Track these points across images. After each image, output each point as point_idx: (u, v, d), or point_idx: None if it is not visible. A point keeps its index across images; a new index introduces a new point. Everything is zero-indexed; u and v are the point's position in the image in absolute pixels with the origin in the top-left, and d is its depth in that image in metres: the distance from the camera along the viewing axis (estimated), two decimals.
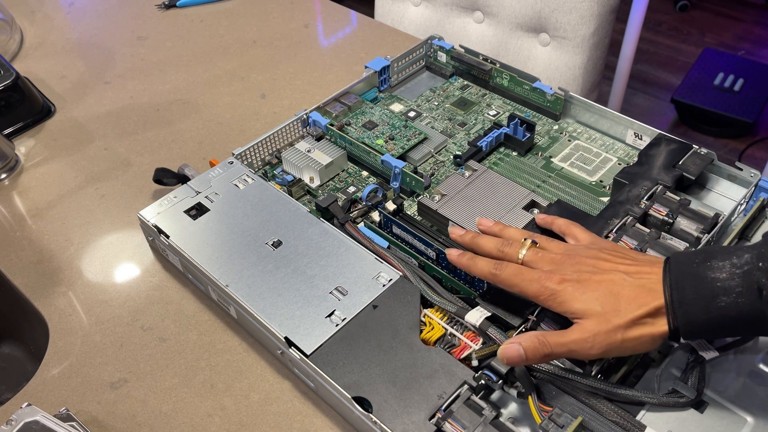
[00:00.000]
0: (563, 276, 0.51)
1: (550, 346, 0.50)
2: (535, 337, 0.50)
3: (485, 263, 0.55)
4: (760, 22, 2.47)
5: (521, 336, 0.51)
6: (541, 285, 0.51)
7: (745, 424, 0.51)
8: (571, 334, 0.50)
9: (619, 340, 0.49)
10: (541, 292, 0.51)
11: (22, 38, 1.06)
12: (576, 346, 0.49)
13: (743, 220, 0.64)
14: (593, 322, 0.49)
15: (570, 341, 0.49)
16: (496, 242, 0.57)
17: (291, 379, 0.60)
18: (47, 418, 0.53)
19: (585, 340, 0.49)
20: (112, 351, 0.63)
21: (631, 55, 1.40)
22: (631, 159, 0.76)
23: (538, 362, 0.51)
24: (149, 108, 0.92)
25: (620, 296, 0.49)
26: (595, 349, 0.49)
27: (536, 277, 0.52)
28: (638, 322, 0.49)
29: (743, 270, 0.46)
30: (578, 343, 0.49)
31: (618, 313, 0.49)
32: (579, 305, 0.50)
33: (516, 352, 0.50)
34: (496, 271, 0.54)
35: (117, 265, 0.71)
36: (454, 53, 0.88)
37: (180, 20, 1.10)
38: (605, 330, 0.49)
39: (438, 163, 0.77)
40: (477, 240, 0.58)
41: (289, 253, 0.63)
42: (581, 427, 0.49)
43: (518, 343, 0.50)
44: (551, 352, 0.50)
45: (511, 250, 0.55)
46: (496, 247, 0.56)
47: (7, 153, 0.82)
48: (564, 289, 0.51)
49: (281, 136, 0.78)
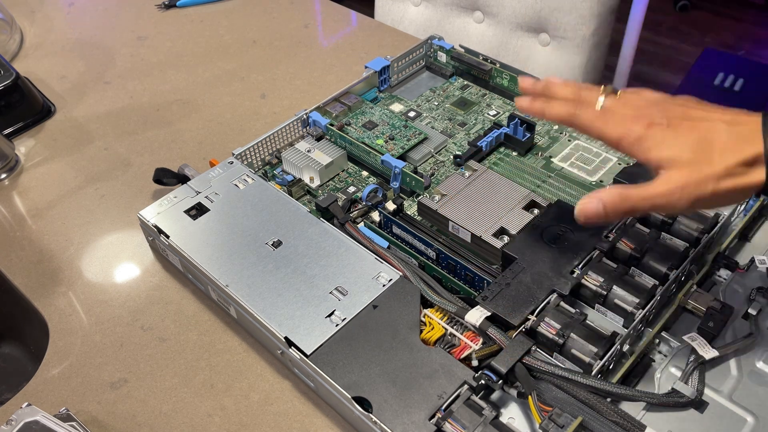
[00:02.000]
0: (651, 120, 0.47)
1: (632, 201, 0.46)
2: (616, 190, 0.46)
3: (563, 105, 0.50)
4: (760, 22, 2.47)
5: (601, 191, 0.47)
6: (626, 127, 0.47)
7: (745, 424, 0.51)
8: (657, 186, 0.46)
9: (710, 190, 0.45)
10: (625, 135, 0.47)
11: (22, 38, 1.06)
12: (662, 200, 0.46)
13: (743, 220, 0.64)
14: (682, 172, 0.45)
15: (656, 194, 0.46)
16: (573, 87, 0.51)
17: (291, 379, 0.60)
18: (47, 418, 0.53)
19: (672, 192, 0.45)
20: (112, 351, 0.63)
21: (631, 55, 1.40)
22: (631, 159, 0.76)
23: (618, 218, 0.47)
24: (149, 108, 0.92)
25: (714, 143, 0.45)
26: (683, 201, 0.45)
27: (620, 120, 0.47)
28: (733, 171, 0.44)
29: None
30: (665, 195, 0.45)
31: (711, 161, 0.45)
32: (668, 152, 0.45)
33: (595, 208, 0.47)
34: (575, 110, 0.49)
35: (117, 265, 0.71)
36: (454, 53, 0.88)
37: (180, 20, 1.10)
38: (695, 180, 0.45)
39: (438, 163, 0.77)
40: (551, 86, 0.52)
41: (289, 253, 0.63)
42: (581, 427, 0.49)
43: (598, 198, 0.47)
44: (633, 206, 0.46)
45: (589, 94, 0.50)
46: (573, 92, 0.51)
47: (7, 153, 0.82)
48: (652, 134, 0.46)
49: (281, 136, 0.78)
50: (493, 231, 0.64)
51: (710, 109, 0.48)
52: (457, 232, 0.66)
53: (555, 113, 0.50)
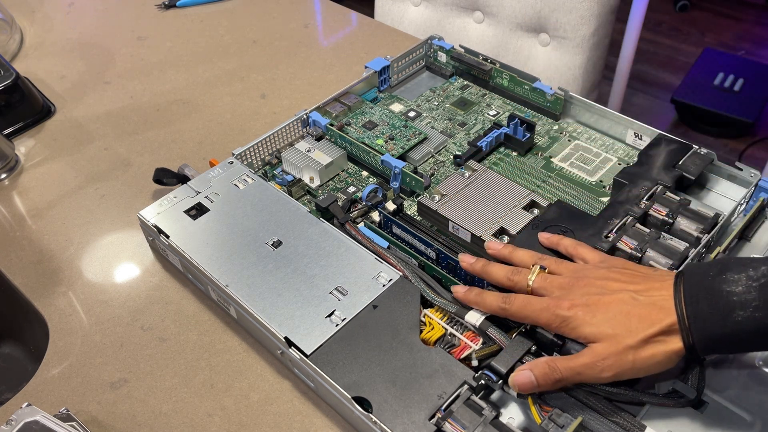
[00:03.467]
0: (572, 301, 0.51)
1: (560, 372, 0.49)
2: (545, 363, 0.50)
3: (494, 299, 0.55)
4: (760, 22, 2.47)
5: (532, 362, 0.51)
6: (551, 313, 0.51)
7: (745, 424, 0.51)
8: (582, 357, 0.49)
9: (631, 360, 0.48)
10: (552, 321, 0.51)
11: (22, 38, 1.06)
12: (586, 370, 0.49)
13: (743, 220, 0.64)
14: (604, 345, 0.48)
15: (579, 365, 0.49)
16: (505, 271, 0.56)
17: (291, 379, 0.60)
18: (47, 418, 0.53)
19: (595, 363, 0.48)
20: (112, 351, 0.63)
21: (631, 55, 1.40)
22: (631, 159, 0.76)
23: (549, 388, 0.50)
24: (149, 108, 0.92)
25: (631, 316, 0.49)
26: (606, 372, 0.48)
27: (545, 306, 0.51)
28: (650, 341, 0.48)
29: (760, 283, 0.45)
30: (588, 366, 0.49)
31: (629, 333, 0.48)
32: (590, 329, 0.49)
33: (527, 379, 0.50)
34: (505, 305, 0.54)
35: (117, 265, 0.71)
36: (454, 53, 0.88)
37: (180, 20, 1.10)
38: (615, 352, 0.48)
39: (438, 163, 0.77)
40: (487, 269, 0.57)
41: (289, 253, 0.63)
42: (581, 427, 0.49)
43: (529, 370, 0.50)
44: (561, 377, 0.49)
45: (520, 278, 0.55)
46: (505, 276, 0.56)
47: (7, 153, 0.82)
48: (574, 314, 0.50)
49: (281, 136, 0.78)
50: (493, 231, 0.64)
51: (628, 279, 0.51)
52: (457, 232, 0.66)
53: (488, 308, 0.55)
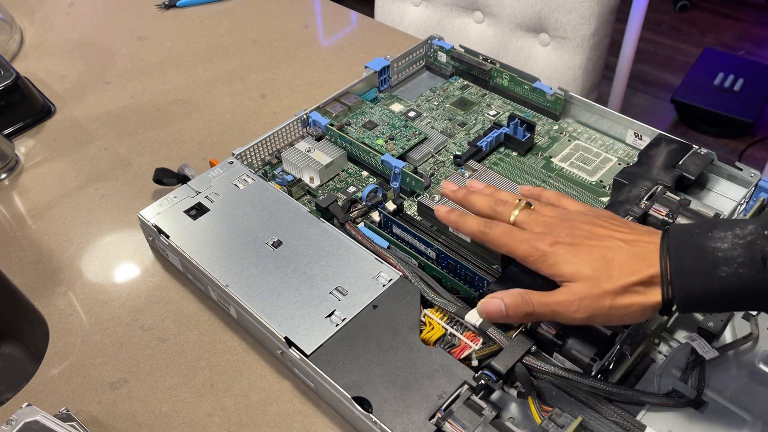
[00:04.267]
0: (556, 238, 0.50)
1: (532, 305, 0.49)
2: (519, 294, 0.49)
3: (475, 221, 0.53)
4: (760, 22, 2.47)
5: (504, 292, 0.50)
6: (531, 245, 0.50)
7: (745, 424, 0.51)
8: (557, 295, 0.48)
9: (607, 306, 0.47)
10: (530, 253, 0.50)
11: (22, 38, 1.06)
12: (560, 308, 0.48)
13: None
14: (582, 285, 0.47)
15: (555, 302, 0.48)
16: (489, 200, 0.55)
17: (291, 379, 0.60)
18: (47, 418, 0.53)
19: (571, 302, 0.47)
20: (112, 351, 0.63)
21: (631, 55, 1.40)
22: (631, 159, 0.76)
23: (518, 320, 0.49)
24: (149, 108, 0.92)
25: (613, 262, 0.48)
26: (580, 312, 0.47)
27: (527, 238, 0.50)
28: (629, 289, 0.47)
29: (746, 240, 0.44)
30: (563, 304, 0.48)
31: (609, 278, 0.47)
32: (569, 268, 0.48)
33: (497, 307, 0.49)
34: (485, 229, 0.52)
35: (117, 265, 0.71)
36: (454, 53, 0.88)
37: (180, 20, 1.11)
38: (594, 294, 0.47)
39: (438, 163, 0.77)
40: (469, 197, 0.56)
41: (289, 253, 0.63)
42: (581, 427, 0.49)
43: (500, 299, 0.49)
44: (533, 310, 0.49)
45: (503, 209, 0.53)
46: (488, 205, 0.54)
47: (7, 153, 0.82)
48: (555, 251, 0.49)
49: (281, 136, 0.78)
50: None
51: (615, 228, 0.50)
52: (457, 232, 0.66)
53: (467, 229, 0.54)
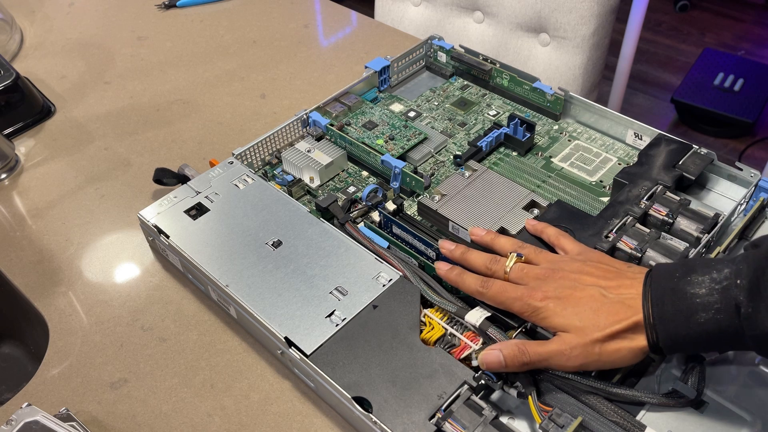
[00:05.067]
0: (545, 293, 0.53)
1: (528, 355, 0.51)
2: (516, 345, 0.52)
3: (473, 280, 0.57)
4: (760, 22, 2.47)
5: (503, 343, 0.53)
6: (524, 303, 0.53)
7: (745, 424, 0.51)
8: (551, 344, 0.51)
9: (597, 353, 0.50)
10: (524, 310, 0.53)
11: (22, 38, 1.06)
12: (554, 357, 0.51)
13: (743, 220, 0.64)
14: (572, 336, 0.50)
15: (548, 351, 0.51)
16: (484, 259, 0.58)
17: (291, 379, 0.60)
18: (47, 418, 0.53)
19: (563, 351, 0.50)
20: (112, 351, 0.63)
21: (631, 55, 1.40)
22: (631, 159, 0.76)
23: (516, 370, 0.52)
24: (149, 108, 0.92)
25: (599, 312, 0.50)
26: (572, 360, 0.50)
27: (519, 295, 0.54)
28: (617, 336, 0.50)
29: (722, 286, 0.47)
30: (556, 354, 0.51)
31: (596, 327, 0.50)
32: (560, 320, 0.51)
33: (496, 358, 0.52)
34: (482, 289, 0.56)
35: (117, 265, 0.71)
36: (454, 53, 0.88)
37: (180, 20, 1.10)
38: (583, 343, 0.50)
39: (438, 163, 0.77)
40: (466, 256, 0.59)
41: (289, 253, 0.63)
42: (581, 427, 0.49)
43: (498, 350, 0.52)
44: (529, 360, 0.51)
45: (497, 267, 0.57)
46: (484, 264, 0.58)
47: (7, 153, 0.82)
48: (546, 305, 0.52)
49: (281, 136, 0.78)
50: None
51: (601, 274, 0.53)
52: (457, 232, 0.66)
53: (466, 288, 0.57)
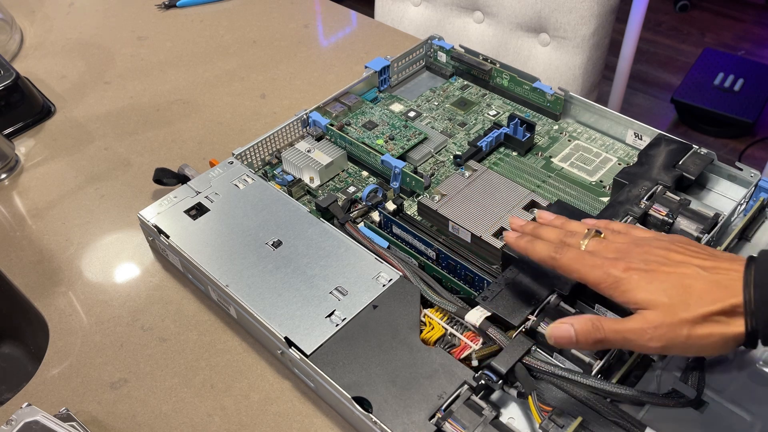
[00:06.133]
0: (629, 264, 0.47)
1: (604, 332, 0.46)
2: (589, 320, 0.47)
3: (545, 246, 0.51)
4: (760, 22, 2.47)
5: (574, 317, 0.48)
6: (604, 271, 0.47)
7: (745, 424, 0.51)
8: (631, 322, 0.46)
9: (684, 335, 0.44)
10: (603, 279, 0.47)
11: (22, 38, 1.06)
12: (634, 336, 0.45)
13: (743, 220, 0.64)
14: (657, 313, 0.45)
15: (628, 329, 0.46)
16: (558, 233, 0.53)
17: (291, 379, 0.60)
18: (47, 418, 0.53)
19: (645, 330, 0.45)
20: (112, 351, 0.63)
21: (631, 55, 1.40)
22: (631, 159, 0.76)
23: (588, 348, 0.47)
24: (149, 108, 0.92)
25: (691, 289, 0.45)
26: (654, 341, 0.45)
27: (599, 263, 0.48)
28: (709, 318, 0.44)
29: None
30: (637, 332, 0.45)
31: (687, 306, 0.44)
32: (644, 294, 0.46)
33: (566, 332, 0.47)
34: (555, 254, 0.50)
35: (117, 265, 0.71)
36: (454, 53, 0.88)
37: (180, 20, 1.10)
38: (669, 322, 0.44)
39: (438, 163, 0.77)
40: (539, 231, 0.54)
41: (289, 253, 0.63)
42: (581, 427, 0.49)
43: (570, 324, 0.47)
44: (605, 338, 0.46)
45: (573, 240, 0.51)
46: (558, 237, 0.52)
47: (7, 153, 0.82)
48: (629, 277, 0.46)
49: (281, 136, 0.78)
50: (493, 231, 0.64)
51: (692, 253, 0.48)
52: (457, 232, 0.66)
53: (537, 255, 0.52)
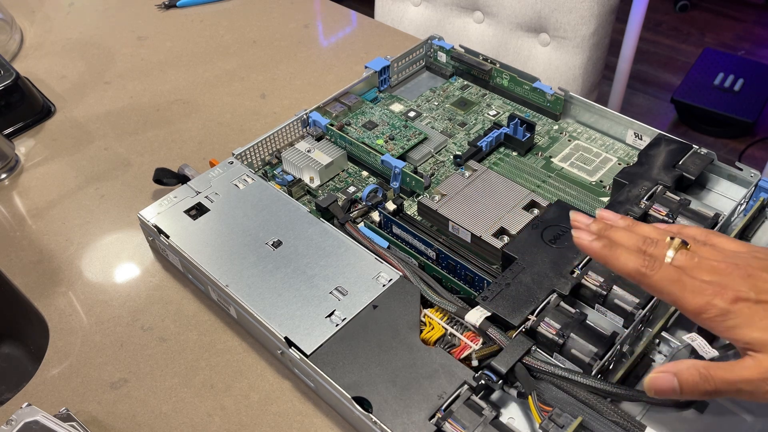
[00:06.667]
0: (738, 293, 0.40)
1: (714, 383, 0.40)
2: (696, 369, 0.41)
3: (632, 257, 0.43)
4: (760, 22, 2.47)
5: (678, 363, 0.42)
6: (707, 301, 0.40)
7: (745, 424, 0.51)
8: (745, 370, 0.40)
9: None
10: (705, 309, 0.41)
11: (22, 38, 1.06)
12: (749, 387, 0.40)
13: (743, 220, 0.64)
14: None
15: (743, 380, 0.40)
16: (636, 239, 0.45)
17: (291, 379, 0.60)
18: (47, 418, 0.53)
19: (763, 380, 0.39)
20: (112, 351, 0.63)
21: (631, 55, 1.40)
22: (631, 159, 0.76)
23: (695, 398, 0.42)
24: (149, 108, 0.92)
25: None
26: None
27: (701, 289, 0.41)
28: None
29: None
30: (753, 383, 0.39)
31: None
32: (758, 334, 0.39)
33: (669, 384, 0.41)
34: (646, 270, 0.42)
35: (117, 265, 0.71)
36: (454, 53, 0.88)
37: (180, 20, 1.10)
38: None
39: (438, 163, 0.77)
40: (610, 233, 0.46)
41: (289, 253, 0.63)
42: (581, 427, 0.49)
43: (672, 374, 0.41)
44: (716, 389, 0.40)
45: (656, 251, 0.44)
46: (635, 245, 0.44)
47: (7, 153, 0.82)
48: (739, 310, 0.40)
49: (281, 136, 0.78)
50: (493, 231, 0.64)
51: None
52: (457, 232, 0.66)
53: (621, 265, 0.43)
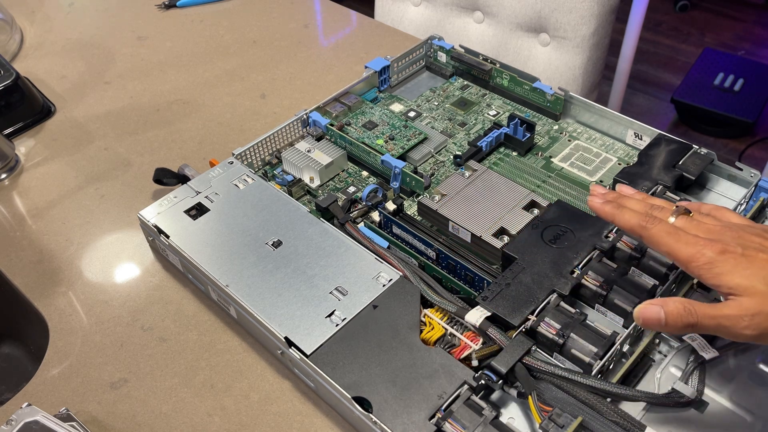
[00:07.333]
0: (725, 246, 0.45)
1: (696, 316, 0.44)
2: (681, 303, 0.45)
3: (633, 215, 0.49)
4: (760, 22, 2.47)
5: (664, 299, 0.46)
6: (698, 250, 0.45)
7: (745, 424, 0.51)
8: (726, 308, 0.44)
9: None
10: (695, 258, 0.45)
11: (22, 38, 1.06)
12: (729, 323, 0.44)
13: None
14: (753, 300, 0.43)
15: (723, 315, 0.44)
16: (644, 205, 0.51)
17: (291, 379, 0.60)
18: (47, 418, 0.53)
19: (741, 317, 0.43)
20: (112, 351, 0.63)
21: (631, 55, 1.40)
22: (631, 159, 0.76)
23: (676, 331, 0.46)
24: (149, 108, 0.92)
25: None
26: (750, 329, 0.44)
27: (692, 241, 0.46)
28: None
29: None
30: (732, 319, 0.44)
31: None
32: (740, 280, 0.44)
33: (655, 314, 0.45)
34: (646, 224, 0.48)
35: (117, 265, 0.71)
36: (454, 53, 0.88)
37: (180, 20, 1.10)
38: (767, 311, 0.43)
39: (438, 163, 0.77)
40: (622, 200, 0.52)
41: (289, 253, 0.63)
42: (581, 427, 0.49)
43: (659, 306, 0.45)
44: (697, 322, 0.45)
45: (660, 214, 0.49)
46: (643, 209, 0.50)
47: (7, 153, 0.82)
48: (725, 259, 0.44)
49: (281, 136, 0.78)
50: (493, 231, 0.64)
51: None
52: (457, 232, 0.66)
53: (625, 222, 0.50)
